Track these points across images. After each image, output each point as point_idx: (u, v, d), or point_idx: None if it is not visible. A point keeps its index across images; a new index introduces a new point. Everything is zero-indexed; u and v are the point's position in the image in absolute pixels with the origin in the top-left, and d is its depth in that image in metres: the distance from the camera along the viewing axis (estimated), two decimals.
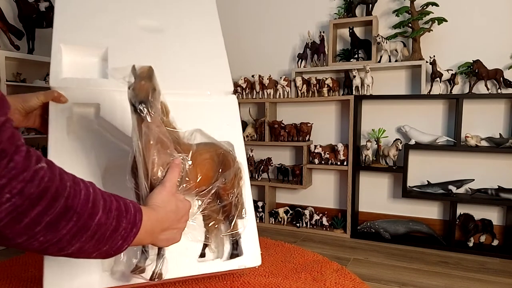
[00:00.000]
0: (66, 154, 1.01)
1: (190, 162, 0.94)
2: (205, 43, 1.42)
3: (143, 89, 0.81)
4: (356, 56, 2.42)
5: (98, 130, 1.08)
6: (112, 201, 0.54)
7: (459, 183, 2.17)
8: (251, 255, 1.34)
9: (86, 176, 0.98)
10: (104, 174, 1.05)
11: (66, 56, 1.11)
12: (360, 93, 2.35)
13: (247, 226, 1.31)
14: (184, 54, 1.31)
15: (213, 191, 1.13)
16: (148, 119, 0.80)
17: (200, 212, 1.14)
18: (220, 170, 1.17)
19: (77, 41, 1.12)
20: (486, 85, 2.12)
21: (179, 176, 0.84)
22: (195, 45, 1.37)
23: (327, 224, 2.45)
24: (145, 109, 0.79)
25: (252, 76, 2.65)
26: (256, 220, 1.84)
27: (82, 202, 0.48)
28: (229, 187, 1.24)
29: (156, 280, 0.90)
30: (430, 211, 2.36)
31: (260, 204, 2.63)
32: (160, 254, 0.91)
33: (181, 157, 0.90)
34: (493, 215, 2.20)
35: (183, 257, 1.11)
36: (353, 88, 2.37)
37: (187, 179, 0.93)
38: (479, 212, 2.21)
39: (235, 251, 1.30)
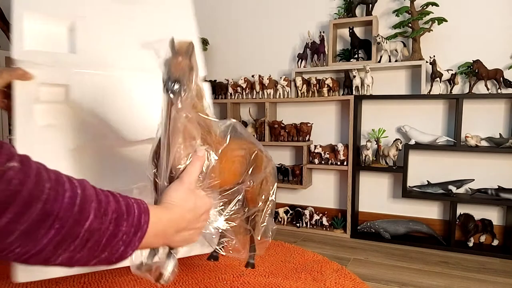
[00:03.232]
0: (34, 136, 0.95)
1: (215, 157, 0.82)
2: (175, 19, 1.32)
3: (179, 67, 0.69)
4: (356, 56, 2.42)
5: (68, 111, 1.01)
6: (109, 202, 0.47)
7: (459, 183, 2.17)
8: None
9: (54, 160, 0.96)
10: (75, 157, 1.01)
11: (30, 25, 0.99)
12: (360, 93, 2.35)
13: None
14: (153, 29, 1.23)
15: (239, 194, 1.01)
16: (179, 102, 0.69)
17: (226, 219, 1.01)
18: (250, 171, 1.04)
19: (41, 8, 1.01)
20: (486, 85, 2.12)
21: (200, 170, 0.74)
22: (165, 21, 1.28)
23: (327, 224, 2.46)
24: (178, 90, 0.68)
25: (252, 76, 2.65)
26: None
27: (66, 206, 0.42)
28: (257, 191, 1.12)
29: (162, 282, 0.78)
30: (430, 211, 2.36)
31: None
32: (170, 254, 0.80)
33: (205, 150, 0.78)
34: (493, 215, 2.20)
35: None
36: (353, 88, 2.37)
37: (212, 175, 0.82)
38: (479, 212, 2.21)
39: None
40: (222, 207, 1.01)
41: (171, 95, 0.68)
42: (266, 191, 1.16)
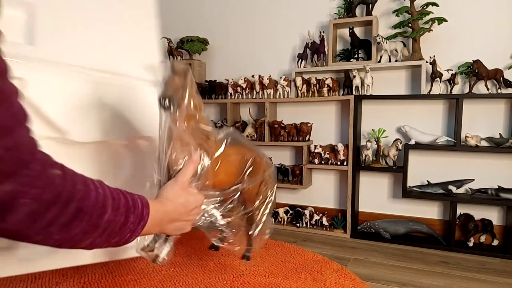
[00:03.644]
0: None
1: (207, 161, 0.96)
2: (137, 16, 1.27)
3: (173, 85, 0.83)
4: (356, 56, 2.42)
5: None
6: (121, 199, 0.58)
7: (459, 183, 2.17)
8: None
9: None
10: None
11: None
12: (360, 93, 2.35)
13: None
14: (108, 27, 1.18)
15: (235, 194, 1.13)
16: (171, 115, 0.83)
17: (223, 215, 1.14)
18: (247, 174, 1.18)
19: None
20: (486, 85, 2.12)
21: (193, 171, 0.87)
22: (127, 18, 1.23)
23: (327, 224, 2.46)
24: (168, 106, 0.81)
25: (252, 76, 2.65)
26: None
27: (92, 204, 0.52)
28: (254, 193, 1.25)
29: (157, 262, 0.92)
30: (430, 211, 2.36)
31: None
32: (166, 240, 0.93)
33: (200, 154, 0.92)
34: (493, 215, 2.20)
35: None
36: (353, 88, 2.37)
37: (207, 176, 0.95)
38: (479, 212, 2.21)
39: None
40: (219, 204, 1.14)
41: (163, 110, 0.82)
42: (264, 192, 1.28)
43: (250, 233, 1.36)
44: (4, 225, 0.45)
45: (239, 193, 1.17)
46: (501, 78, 2.08)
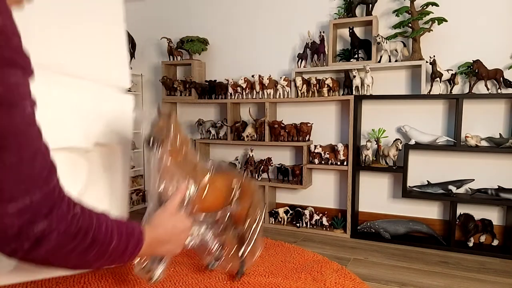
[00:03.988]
0: None
1: (193, 189, 1.10)
2: (103, 22, 1.24)
3: (157, 127, 0.98)
4: (356, 56, 2.42)
5: None
6: (123, 229, 0.68)
7: (459, 183, 2.17)
8: None
9: None
10: None
11: None
12: (360, 93, 2.35)
13: None
14: (77, 29, 1.13)
15: (224, 216, 1.25)
16: (157, 153, 0.99)
17: (214, 236, 1.29)
18: (236, 199, 1.31)
19: None
20: (486, 85, 2.12)
21: (181, 199, 0.98)
22: (92, 22, 1.18)
23: (327, 224, 2.45)
24: (153, 144, 0.96)
25: (252, 76, 2.65)
26: None
27: (104, 234, 0.63)
28: (243, 214, 1.37)
29: (151, 282, 1.02)
30: (430, 211, 2.36)
31: None
32: (160, 260, 1.05)
33: (187, 183, 1.06)
34: (493, 215, 2.20)
35: None
36: (353, 88, 2.37)
37: (195, 201, 1.08)
38: (479, 212, 2.21)
39: None
40: (211, 225, 1.28)
41: (149, 148, 0.99)
42: (254, 213, 1.41)
43: (241, 251, 1.46)
44: (34, 255, 0.55)
45: (228, 215, 1.29)
46: (501, 78, 2.07)
